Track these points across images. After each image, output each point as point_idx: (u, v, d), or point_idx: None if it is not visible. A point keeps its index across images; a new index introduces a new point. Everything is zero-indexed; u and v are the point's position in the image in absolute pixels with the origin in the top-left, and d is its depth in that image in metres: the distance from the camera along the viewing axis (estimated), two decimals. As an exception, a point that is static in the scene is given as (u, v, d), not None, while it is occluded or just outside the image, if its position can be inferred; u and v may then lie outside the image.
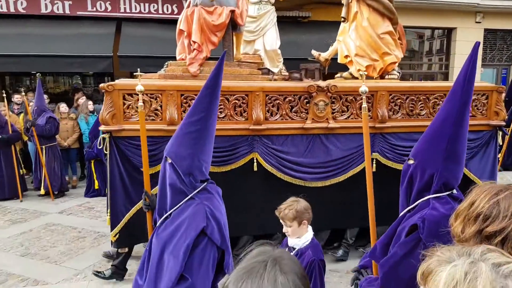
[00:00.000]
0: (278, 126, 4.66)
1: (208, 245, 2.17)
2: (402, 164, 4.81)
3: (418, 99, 4.92)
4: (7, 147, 8.00)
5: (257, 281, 0.85)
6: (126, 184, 4.44)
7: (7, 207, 7.73)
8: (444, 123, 2.26)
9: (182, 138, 2.34)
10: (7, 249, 5.74)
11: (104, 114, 4.29)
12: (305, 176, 4.78)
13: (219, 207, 2.33)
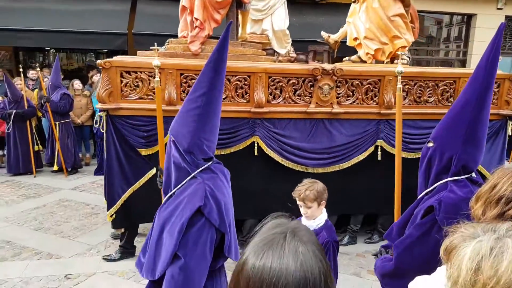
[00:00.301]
0: (281, 110, 4.51)
1: (206, 225, 2.08)
2: (408, 152, 4.72)
3: (426, 85, 4.72)
4: (23, 123, 8.01)
5: (278, 252, 0.86)
6: (123, 164, 4.36)
7: (21, 182, 7.81)
8: (464, 107, 2.24)
9: (183, 115, 2.24)
10: (21, 223, 5.81)
11: (101, 92, 4.19)
12: (307, 162, 4.65)
13: (221, 187, 2.22)
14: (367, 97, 4.67)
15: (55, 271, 4.45)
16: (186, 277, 2.05)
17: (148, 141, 4.37)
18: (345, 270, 4.52)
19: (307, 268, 0.85)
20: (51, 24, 9.67)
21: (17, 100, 7.95)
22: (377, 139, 4.74)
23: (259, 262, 0.87)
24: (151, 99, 4.34)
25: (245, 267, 0.89)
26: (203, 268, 2.10)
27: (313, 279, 0.84)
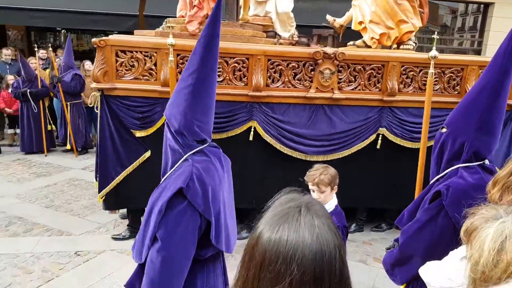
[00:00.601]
0: (280, 94, 4.38)
1: (188, 210, 1.95)
2: (411, 142, 4.59)
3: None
4: (36, 102, 8.04)
5: (294, 225, 0.86)
6: (117, 145, 4.28)
7: (32, 160, 7.91)
8: (480, 93, 2.22)
9: (176, 95, 2.15)
10: (32, 200, 5.89)
11: (96, 71, 4.10)
12: (306, 149, 4.53)
13: (212, 172, 2.10)
14: (370, 83, 4.51)
15: (65, 247, 4.53)
16: (164, 260, 1.95)
17: (143, 122, 4.28)
18: (351, 257, 4.46)
19: (323, 241, 0.85)
20: (63, 4, 9.61)
21: (31, 80, 7.97)
22: (379, 127, 4.59)
23: (275, 235, 0.86)
24: (147, 79, 4.24)
25: (260, 240, 0.88)
26: (184, 253, 1.98)
27: (328, 252, 0.84)
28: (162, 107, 4.25)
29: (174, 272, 1.98)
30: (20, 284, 3.80)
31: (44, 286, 3.79)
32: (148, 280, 1.98)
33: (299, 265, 0.82)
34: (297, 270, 0.82)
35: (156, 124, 4.28)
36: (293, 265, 0.82)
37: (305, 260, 0.83)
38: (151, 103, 4.26)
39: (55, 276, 3.96)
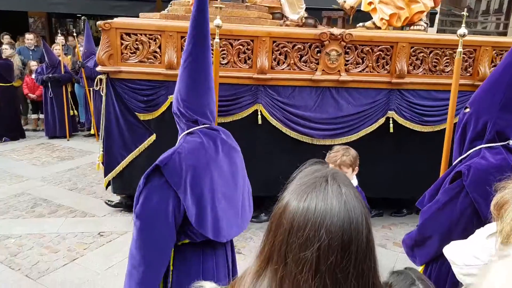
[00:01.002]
0: (285, 76, 4.32)
1: (164, 187, 1.96)
2: (420, 125, 4.47)
3: (443, 53, 4.41)
4: (59, 88, 8.17)
5: (322, 193, 0.88)
6: (122, 129, 4.31)
7: (55, 144, 8.13)
8: (505, 71, 2.16)
9: (180, 77, 2.20)
10: (57, 183, 6.04)
11: (101, 54, 4.12)
12: (313, 133, 4.47)
13: (199, 153, 2.08)
14: (378, 65, 4.41)
15: (89, 228, 4.64)
16: (139, 233, 1.98)
17: (148, 106, 4.29)
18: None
19: (350, 208, 0.86)
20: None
21: (54, 66, 8.09)
22: (388, 110, 4.49)
23: (303, 203, 0.88)
24: (151, 62, 4.24)
25: (288, 208, 0.89)
26: (159, 228, 1.98)
27: (355, 219, 0.86)
28: (167, 91, 4.26)
29: (149, 245, 1.99)
30: (47, 262, 3.92)
31: (70, 265, 3.91)
32: (129, 251, 2.03)
33: (328, 232, 0.84)
34: (326, 236, 0.83)
35: (160, 108, 4.29)
36: (321, 231, 0.84)
37: (333, 227, 0.84)
38: (155, 86, 4.26)
39: (80, 255, 4.07)
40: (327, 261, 0.83)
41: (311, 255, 0.84)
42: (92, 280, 3.65)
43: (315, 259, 0.84)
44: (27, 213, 4.96)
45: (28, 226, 4.62)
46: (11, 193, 5.57)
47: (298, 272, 0.85)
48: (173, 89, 4.24)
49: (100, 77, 4.23)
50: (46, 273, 3.76)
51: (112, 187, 4.56)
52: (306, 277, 0.84)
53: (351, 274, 0.84)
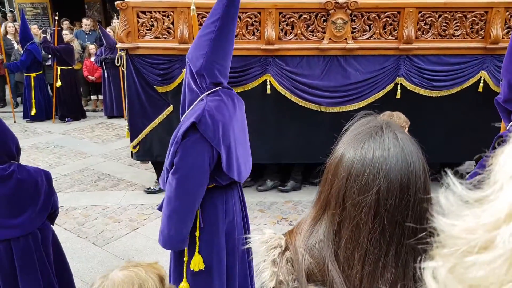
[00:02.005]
0: (292, 46, 4.47)
1: (200, 141, 2.27)
2: (430, 90, 4.48)
3: (453, 17, 4.36)
4: (115, 69, 8.36)
5: (378, 141, 0.89)
6: (143, 100, 4.65)
7: (113, 123, 8.71)
8: None
9: (198, 41, 2.40)
10: (117, 159, 6.55)
11: (119, 32, 4.46)
12: (321, 101, 4.61)
13: (223, 109, 2.37)
14: (386, 31, 4.44)
15: (149, 200, 4.99)
16: (178, 182, 2.29)
17: (164, 79, 4.59)
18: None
19: (408, 153, 0.88)
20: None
21: (112, 48, 8.42)
22: (396, 76, 4.54)
23: (360, 151, 0.90)
24: (166, 38, 4.52)
25: (345, 158, 0.91)
26: (195, 176, 2.31)
27: (413, 163, 0.88)
28: (181, 64, 4.54)
29: (188, 191, 2.33)
30: (111, 231, 4.29)
31: (132, 233, 4.26)
32: (166, 198, 2.36)
33: (386, 175, 0.86)
34: (385, 179, 0.86)
35: (176, 81, 4.58)
36: (380, 175, 0.86)
37: (391, 171, 0.86)
38: (170, 60, 4.55)
39: (141, 225, 4.41)
40: (386, 204, 0.85)
41: (370, 198, 0.86)
42: (152, 248, 3.94)
43: (374, 202, 0.86)
44: (91, 187, 5.42)
45: (93, 198, 5.05)
46: (76, 168, 6.09)
47: (357, 215, 0.87)
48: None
49: (120, 54, 4.57)
50: (111, 241, 4.12)
51: (135, 155, 4.94)
52: (365, 219, 0.87)
53: (409, 216, 0.86)
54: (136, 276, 1.28)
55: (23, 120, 8.78)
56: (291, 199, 5.00)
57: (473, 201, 0.43)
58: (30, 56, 8.35)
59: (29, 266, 2.50)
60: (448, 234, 0.42)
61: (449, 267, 0.41)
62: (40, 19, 13.08)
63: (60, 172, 5.79)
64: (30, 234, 2.50)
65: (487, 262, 0.38)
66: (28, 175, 2.48)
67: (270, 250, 0.99)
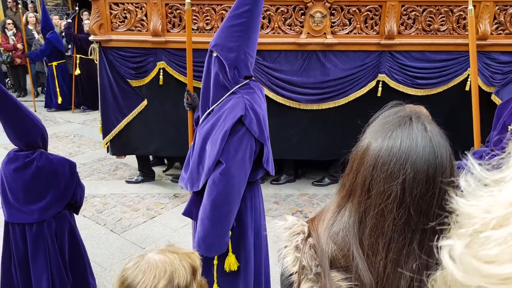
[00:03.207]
0: (269, 41, 4.29)
1: (246, 135, 2.19)
2: (413, 88, 4.27)
3: (438, 11, 4.13)
4: None
5: (407, 131, 0.89)
6: (116, 94, 4.54)
7: None
8: None
9: (227, 31, 2.26)
10: None
11: (91, 24, 4.34)
12: (299, 97, 4.43)
13: (259, 102, 2.31)
14: (367, 26, 4.24)
15: (165, 190, 5.03)
16: (227, 182, 2.18)
17: (138, 72, 4.47)
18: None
19: (436, 144, 0.88)
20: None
21: None
22: (378, 73, 4.33)
23: (387, 140, 0.89)
24: (139, 30, 4.39)
25: (371, 147, 0.91)
26: (242, 175, 2.23)
27: (440, 154, 0.87)
28: (155, 57, 4.41)
29: (235, 192, 2.23)
30: (129, 219, 4.33)
31: (149, 222, 4.28)
32: (210, 201, 2.21)
33: (413, 165, 0.86)
34: (411, 169, 0.85)
35: (150, 74, 4.45)
36: (407, 165, 0.86)
37: (418, 160, 0.86)
38: (144, 53, 4.42)
39: (158, 214, 4.43)
40: (412, 193, 0.86)
41: (396, 188, 0.86)
42: (169, 236, 3.98)
43: (400, 191, 0.86)
44: (109, 175, 5.42)
45: (111, 187, 5.08)
46: (95, 157, 6.11)
47: (382, 203, 0.88)
48: (160, 56, 4.36)
49: (93, 46, 4.46)
50: (129, 228, 4.15)
51: (111, 150, 4.84)
52: (390, 207, 0.87)
53: (434, 206, 0.86)
54: (170, 263, 1.30)
55: (44, 110, 8.84)
56: (306, 192, 4.94)
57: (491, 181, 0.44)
58: (50, 45, 8.34)
59: (39, 252, 2.58)
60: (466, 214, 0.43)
61: (465, 244, 0.43)
62: (61, 10, 13.08)
63: (79, 161, 5.75)
64: (45, 221, 2.58)
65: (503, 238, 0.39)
66: (48, 163, 2.53)
67: (293, 236, 1.00)
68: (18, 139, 2.49)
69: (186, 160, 2.50)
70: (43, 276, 2.61)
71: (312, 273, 0.93)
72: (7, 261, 2.66)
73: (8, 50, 9.19)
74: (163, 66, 4.39)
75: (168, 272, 1.27)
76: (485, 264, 0.40)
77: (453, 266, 0.43)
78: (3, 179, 2.54)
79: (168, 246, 1.41)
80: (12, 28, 9.01)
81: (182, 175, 2.49)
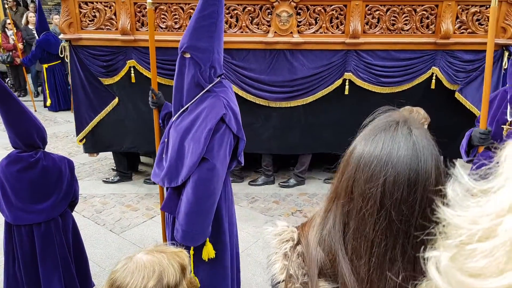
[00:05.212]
0: (237, 40, 4.35)
1: (226, 132, 2.32)
2: (379, 86, 4.34)
3: (402, 11, 4.20)
4: None
5: (390, 133, 0.88)
6: (88, 92, 4.58)
7: None
8: None
9: (199, 32, 2.30)
10: None
11: (61, 22, 4.38)
12: (268, 95, 4.50)
13: (233, 99, 2.44)
14: (332, 25, 4.30)
15: None
16: (212, 176, 2.31)
17: (108, 70, 4.52)
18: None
19: (419, 148, 0.86)
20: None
21: None
22: (344, 71, 4.40)
23: (371, 142, 0.89)
24: (109, 29, 4.43)
25: (356, 149, 0.91)
26: (224, 168, 2.38)
27: (424, 159, 0.85)
28: (125, 55, 4.46)
29: (219, 185, 2.37)
30: (128, 219, 4.35)
31: (148, 222, 4.31)
32: (197, 195, 2.32)
33: (394, 167, 0.84)
34: (392, 171, 0.84)
35: (120, 72, 4.50)
36: (387, 167, 0.84)
37: (399, 164, 0.84)
38: (114, 52, 4.46)
39: (157, 213, 4.35)
40: (392, 197, 0.84)
41: (376, 190, 0.85)
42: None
43: (379, 193, 0.84)
44: (109, 175, 5.37)
45: (111, 187, 5.08)
46: (94, 157, 6.00)
47: (363, 206, 0.86)
48: (130, 54, 4.41)
49: (63, 45, 4.50)
50: (128, 228, 4.17)
51: (84, 148, 4.89)
52: (371, 211, 0.85)
53: (416, 212, 0.84)
54: (159, 263, 1.30)
55: (45, 109, 8.74)
56: (306, 191, 4.97)
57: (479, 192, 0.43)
58: (40, 48, 8.17)
59: (49, 251, 2.59)
60: (453, 224, 0.42)
61: (450, 256, 0.42)
62: (62, 9, 12.96)
63: (79, 161, 5.77)
64: (52, 220, 2.59)
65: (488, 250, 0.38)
66: (53, 162, 2.57)
67: (282, 243, 0.98)
68: (20, 140, 2.48)
69: (158, 156, 2.56)
70: (55, 276, 2.60)
71: (299, 282, 0.92)
72: (11, 265, 2.64)
73: (9, 50, 9.09)
74: (134, 64, 4.44)
75: (157, 272, 1.27)
76: (470, 278, 0.39)
77: (439, 278, 0.42)
78: (3, 181, 2.51)
79: (156, 246, 1.41)
80: (12, 28, 8.99)
81: (154, 171, 2.54)
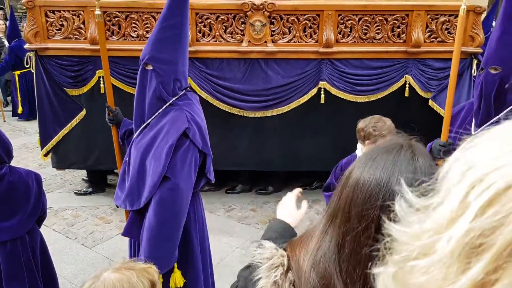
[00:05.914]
0: (211, 49, 4.29)
1: (190, 147, 2.16)
2: (353, 95, 4.34)
3: (373, 20, 4.25)
4: None
5: (393, 155, 0.85)
6: (54, 105, 4.39)
7: None
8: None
9: (162, 43, 2.18)
10: None
11: (27, 32, 4.20)
12: (243, 105, 4.43)
13: (198, 112, 2.29)
14: (306, 34, 4.31)
15: None
16: (175, 196, 2.12)
17: (76, 81, 4.36)
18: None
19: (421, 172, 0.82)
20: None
21: None
22: (319, 80, 4.40)
23: (371, 162, 0.86)
24: (77, 38, 4.29)
25: (355, 171, 0.88)
26: (189, 187, 2.18)
27: None
28: (94, 65, 4.31)
29: (184, 206, 2.17)
30: (101, 232, 4.21)
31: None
32: (159, 218, 2.11)
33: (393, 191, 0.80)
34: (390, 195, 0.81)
35: (89, 83, 4.34)
36: (386, 189, 0.81)
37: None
38: (82, 62, 4.32)
39: None
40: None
41: (373, 212, 0.81)
42: None
43: (376, 216, 0.81)
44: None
45: (83, 199, 4.92)
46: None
47: (360, 227, 0.83)
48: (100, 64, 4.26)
49: (29, 55, 4.31)
50: (101, 241, 4.03)
51: (52, 163, 4.67)
52: (368, 233, 0.82)
53: None
54: (127, 281, 1.25)
55: (14, 119, 8.41)
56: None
57: (422, 207, 0.43)
58: (12, 54, 7.87)
59: (15, 271, 2.43)
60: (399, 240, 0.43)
61: (392, 272, 0.42)
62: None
63: (50, 173, 5.47)
64: (19, 237, 2.43)
65: (426, 267, 0.38)
66: (19, 177, 2.41)
67: (272, 269, 0.92)
68: None
69: (120, 178, 2.39)
70: None
71: None
72: None
73: None
74: (103, 74, 4.29)
75: None
76: None
77: None
78: None
79: (124, 262, 1.35)
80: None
81: (117, 193, 2.38)
